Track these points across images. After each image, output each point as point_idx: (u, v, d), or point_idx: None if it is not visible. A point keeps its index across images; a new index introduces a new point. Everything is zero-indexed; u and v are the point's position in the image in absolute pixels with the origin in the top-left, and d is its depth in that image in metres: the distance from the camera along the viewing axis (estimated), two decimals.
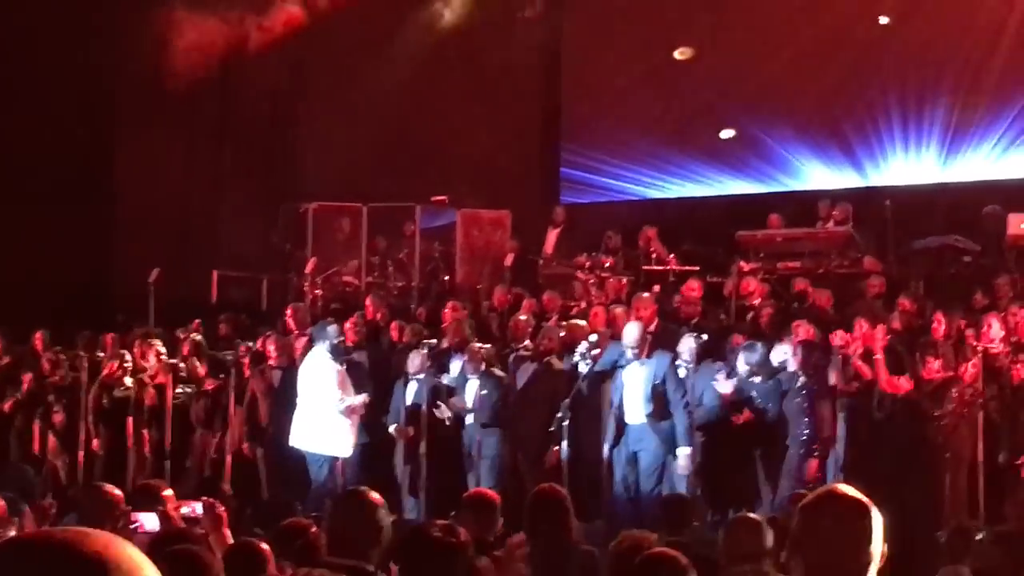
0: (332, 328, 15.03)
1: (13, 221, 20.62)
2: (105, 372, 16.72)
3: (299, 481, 14.88)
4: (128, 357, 16.72)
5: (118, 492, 7.62)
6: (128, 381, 16.49)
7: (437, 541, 5.54)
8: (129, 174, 21.89)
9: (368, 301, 17.79)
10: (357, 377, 14.95)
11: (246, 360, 16.04)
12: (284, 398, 15.30)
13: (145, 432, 16.39)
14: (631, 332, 13.64)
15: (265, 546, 6.19)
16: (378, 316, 17.32)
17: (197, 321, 18.39)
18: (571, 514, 8.07)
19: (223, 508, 7.30)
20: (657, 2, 23.22)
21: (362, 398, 14.78)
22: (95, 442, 16.52)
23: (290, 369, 15.51)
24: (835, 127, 21.74)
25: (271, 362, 15.76)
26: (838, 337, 13.69)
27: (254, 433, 15.64)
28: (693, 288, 16.82)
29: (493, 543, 7.64)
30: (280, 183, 23.09)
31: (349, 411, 14.66)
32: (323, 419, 14.61)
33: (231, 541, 6.83)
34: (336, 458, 14.71)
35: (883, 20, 21.05)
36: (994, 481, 12.74)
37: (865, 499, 3.78)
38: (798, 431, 13.24)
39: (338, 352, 14.84)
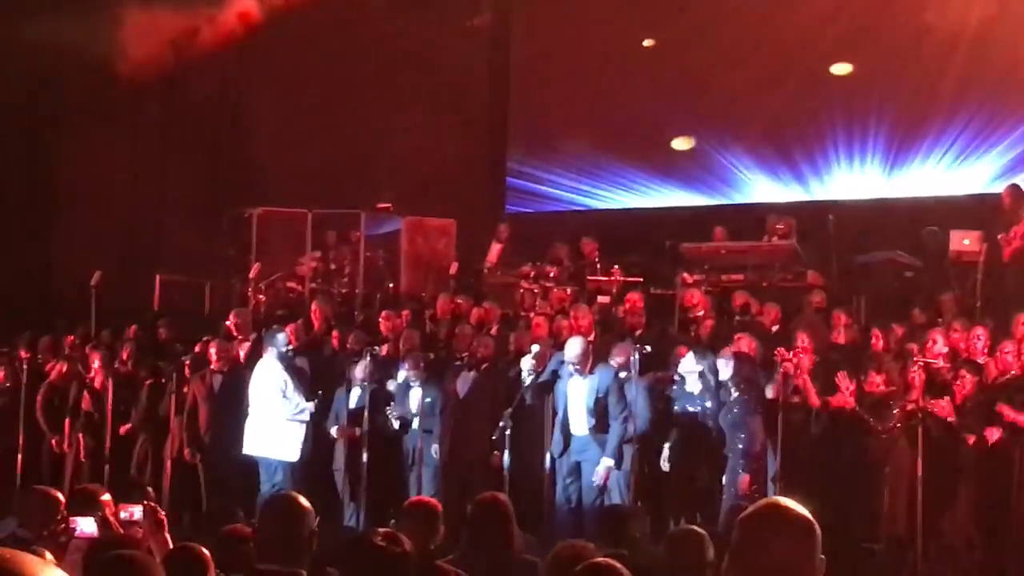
0: (282, 336, 15.02)
1: None
2: (53, 375, 16.64)
3: (240, 487, 14.82)
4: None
5: (59, 495, 7.56)
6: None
7: (380, 550, 5.49)
8: (72, 174, 21.70)
9: (315, 306, 17.71)
10: (302, 383, 14.92)
11: (187, 363, 15.94)
12: (225, 403, 15.24)
13: (80, 436, 16.26)
14: (573, 347, 13.63)
15: (206, 552, 6.14)
16: (322, 322, 17.25)
17: (134, 327, 18.29)
18: (513, 523, 8.03)
19: (163, 512, 7.25)
20: (607, 13, 23.23)
21: (310, 406, 14.76)
22: (53, 441, 16.41)
23: (231, 374, 15.47)
24: (781, 141, 21.83)
25: (213, 367, 15.68)
26: (779, 352, 13.74)
27: (194, 438, 15.54)
28: (635, 299, 16.85)
29: (434, 552, 7.61)
30: (225, 187, 22.97)
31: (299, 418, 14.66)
32: (275, 425, 14.57)
33: (171, 546, 6.77)
34: (289, 463, 14.65)
35: (839, 70, 21.33)
36: (933, 496, 12.81)
37: (806, 513, 3.78)
38: (734, 444, 13.29)
39: (287, 359, 14.84)
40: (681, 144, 22.86)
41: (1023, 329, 14.05)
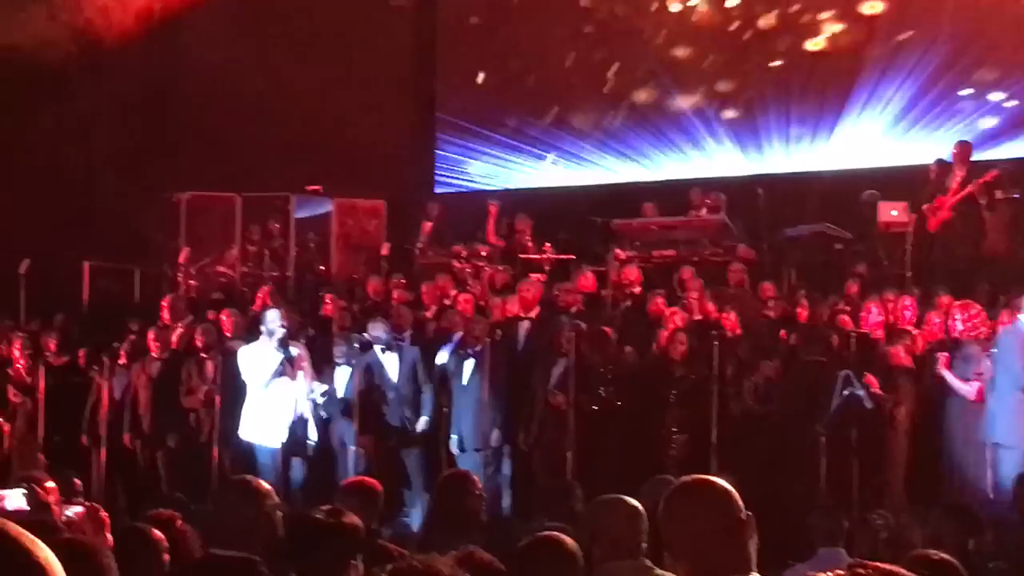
0: (272, 314, 14.48)
1: None
2: None
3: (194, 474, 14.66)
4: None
5: None
6: None
7: (324, 524, 5.35)
8: None
9: (262, 292, 17.69)
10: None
11: (122, 351, 15.85)
12: (164, 389, 15.14)
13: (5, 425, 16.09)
14: None
15: (158, 534, 6.08)
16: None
17: (62, 316, 18.18)
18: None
19: (105, 512, 7.19)
20: None
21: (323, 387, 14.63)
22: None
23: (170, 360, 15.32)
24: (711, 114, 21.96)
25: (153, 354, 15.53)
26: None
27: (135, 425, 15.42)
28: (587, 278, 16.99)
29: (376, 531, 7.57)
30: (153, 172, 22.77)
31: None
32: (271, 410, 14.14)
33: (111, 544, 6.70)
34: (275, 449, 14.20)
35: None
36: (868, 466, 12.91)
37: (716, 480, 3.80)
38: None
39: (282, 341, 14.17)
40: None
41: (947, 300, 14.22)
